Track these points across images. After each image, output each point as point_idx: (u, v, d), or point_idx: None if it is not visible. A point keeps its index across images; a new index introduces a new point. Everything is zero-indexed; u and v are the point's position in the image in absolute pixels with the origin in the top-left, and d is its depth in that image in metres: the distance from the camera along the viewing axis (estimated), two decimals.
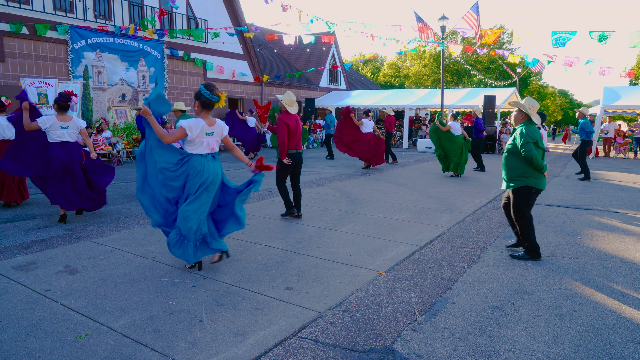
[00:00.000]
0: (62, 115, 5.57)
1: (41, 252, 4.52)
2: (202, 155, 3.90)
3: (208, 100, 3.86)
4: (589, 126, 10.00)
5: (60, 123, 5.53)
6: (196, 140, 3.85)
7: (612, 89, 16.95)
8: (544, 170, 4.33)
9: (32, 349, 2.66)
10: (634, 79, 31.56)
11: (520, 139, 4.30)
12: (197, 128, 3.79)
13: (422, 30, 16.02)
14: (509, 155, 4.47)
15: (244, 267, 4.14)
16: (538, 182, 4.35)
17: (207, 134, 3.88)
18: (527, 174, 4.34)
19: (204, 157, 3.90)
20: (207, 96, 3.84)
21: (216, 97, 3.84)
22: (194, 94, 3.92)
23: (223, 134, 4.05)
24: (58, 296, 3.42)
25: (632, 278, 3.96)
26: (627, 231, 5.63)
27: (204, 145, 3.89)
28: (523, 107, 4.41)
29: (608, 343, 2.81)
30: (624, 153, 17.04)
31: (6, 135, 6.40)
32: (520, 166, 4.35)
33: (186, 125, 3.77)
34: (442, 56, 17.73)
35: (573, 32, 12.52)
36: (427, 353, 2.68)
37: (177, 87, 16.42)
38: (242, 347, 2.71)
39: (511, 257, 4.50)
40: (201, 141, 3.86)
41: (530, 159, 4.25)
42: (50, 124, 5.48)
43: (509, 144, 4.49)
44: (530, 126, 4.37)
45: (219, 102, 3.87)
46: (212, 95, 3.84)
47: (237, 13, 18.26)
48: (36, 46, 12.27)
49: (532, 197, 4.42)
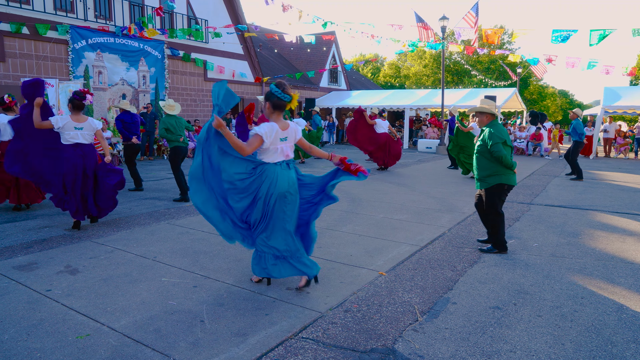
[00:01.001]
0: (76, 116, 5.26)
1: (42, 252, 4.52)
2: (275, 163, 3.46)
3: (280, 101, 3.40)
4: (580, 127, 10.14)
5: (74, 123, 5.20)
6: (270, 148, 3.40)
7: (613, 89, 16.93)
8: (514, 168, 4.47)
9: (34, 349, 2.66)
10: (634, 78, 31.53)
11: (489, 140, 4.42)
12: (272, 133, 3.35)
13: (423, 30, 16.02)
14: (479, 156, 4.58)
15: (244, 267, 4.14)
16: (509, 178, 4.50)
17: (281, 139, 3.42)
18: (499, 172, 4.46)
19: (277, 165, 3.46)
20: (278, 95, 3.39)
21: (288, 96, 3.41)
22: (265, 94, 3.49)
23: (297, 137, 3.60)
24: (59, 296, 3.42)
25: (633, 278, 3.96)
26: (627, 231, 5.62)
27: (278, 152, 3.44)
28: (486, 109, 4.55)
29: (609, 343, 2.81)
30: (625, 153, 17.03)
31: (10, 136, 6.05)
32: (491, 165, 4.48)
33: (262, 131, 3.31)
34: (443, 56, 17.73)
35: (574, 30, 12.51)
36: (429, 353, 2.68)
37: (177, 87, 16.43)
38: (243, 347, 2.71)
39: (480, 251, 4.69)
40: (275, 148, 3.42)
41: (500, 159, 4.38)
42: (64, 123, 5.15)
43: (478, 145, 4.61)
44: (497, 126, 4.52)
45: (291, 103, 3.46)
46: (283, 94, 3.40)
47: (238, 13, 18.27)
48: (37, 46, 12.27)
49: (504, 193, 4.59)
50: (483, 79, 33.44)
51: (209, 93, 17.83)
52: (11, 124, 5.60)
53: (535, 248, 4.86)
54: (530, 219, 6.25)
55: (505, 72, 34.78)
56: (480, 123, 4.64)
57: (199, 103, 17.41)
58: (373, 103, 21.25)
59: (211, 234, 5.26)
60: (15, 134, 5.52)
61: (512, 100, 20.83)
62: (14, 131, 5.54)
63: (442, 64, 17.60)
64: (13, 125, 5.54)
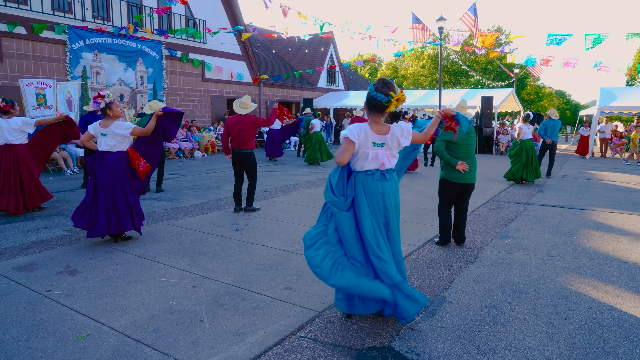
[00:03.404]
0: (105, 121, 4.89)
1: (41, 252, 4.55)
2: (366, 172, 3.02)
3: (375, 101, 2.96)
4: (550, 128, 10.58)
5: (100, 129, 4.85)
6: (360, 152, 2.97)
7: (609, 89, 17.04)
8: (453, 165, 4.71)
9: (35, 349, 2.69)
10: (630, 79, 31.69)
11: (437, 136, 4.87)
12: (361, 134, 2.95)
13: (420, 31, 16.07)
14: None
15: (243, 267, 4.18)
16: (455, 175, 4.80)
17: (374, 143, 2.97)
18: (444, 167, 4.88)
19: (369, 175, 3.01)
20: (372, 94, 2.96)
21: (383, 95, 2.91)
22: (366, 96, 3.09)
23: (400, 144, 3.08)
24: (59, 297, 3.45)
25: (627, 277, 4.01)
26: (622, 231, 5.68)
27: (369, 159, 2.98)
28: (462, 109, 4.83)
29: (602, 341, 2.86)
30: (621, 153, 17.13)
31: (7, 140, 6.06)
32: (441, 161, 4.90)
33: (350, 133, 2.93)
34: (440, 57, 17.80)
35: (569, 34, 12.60)
36: (425, 351, 2.72)
37: (175, 88, 16.44)
38: (242, 347, 2.75)
39: (435, 244, 5.03)
40: (366, 153, 2.97)
41: (439, 153, 4.78)
42: (94, 130, 4.87)
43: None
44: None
45: (390, 104, 2.93)
46: (377, 93, 2.93)
47: (236, 14, 18.29)
48: (34, 46, 12.27)
49: (447, 189, 4.91)
50: (480, 80, 33.55)
51: (207, 94, 17.86)
52: None
53: (531, 247, 4.91)
54: (526, 218, 6.30)
55: (503, 72, 34.88)
56: None
57: (197, 104, 17.43)
58: None
59: (210, 234, 5.30)
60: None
61: (509, 100, 20.91)
62: None
63: (439, 65, 17.67)
64: None
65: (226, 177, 10.20)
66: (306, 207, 6.90)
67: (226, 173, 10.87)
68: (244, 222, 5.95)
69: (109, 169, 4.83)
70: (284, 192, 8.26)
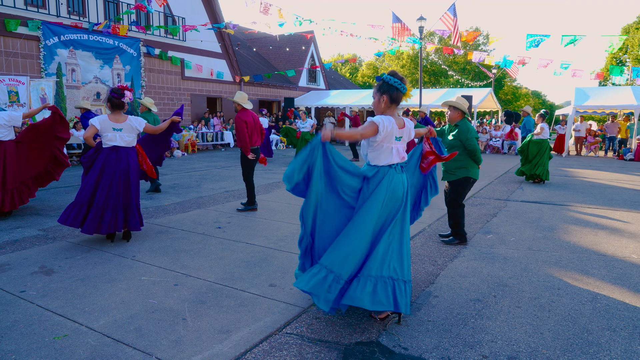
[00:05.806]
0: (115, 115, 4.65)
1: (15, 252, 4.37)
2: (390, 166, 2.98)
3: (399, 93, 2.94)
4: (530, 124, 10.64)
5: (112, 124, 4.60)
6: (384, 146, 2.93)
7: (583, 89, 17.52)
8: (480, 163, 4.73)
9: (8, 351, 2.57)
10: (603, 80, 32.58)
11: (465, 134, 4.63)
12: (389, 126, 2.89)
13: (400, 31, 16.17)
14: (450, 149, 4.74)
15: (226, 264, 4.10)
16: (476, 172, 4.76)
17: (396, 138, 2.96)
18: (467, 165, 4.68)
19: (392, 168, 2.97)
20: (397, 86, 2.92)
21: (405, 86, 2.96)
22: (378, 87, 3.00)
23: (411, 137, 3.13)
24: (34, 297, 3.31)
25: (606, 269, 4.09)
26: (599, 225, 5.81)
27: (394, 153, 2.96)
28: (461, 105, 4.70)
29: (585, 331, 2.90)
30: (595, 151, 17.60)
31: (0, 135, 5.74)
32: (461, 159, 4.67)
33: (381, 123, 2.86)
34: (420, 57, 17.95)
35: (547, 35, 12.88)
36: (412, 345, 2.70)
37: (154, 86, 16.14)
38: (226, 344, 2.68)
39: (443, 243, 4.91)
40: (390, 147, 2.94)
41: (474, 153, 4.62)
42: (102, 124, 4.58)
43: (450, 139, 4.79)
44: (469, 123, 4.77)
45: (406, 95, 3.00)
46: (403, 85, 2.93)
47: (215, 11, 18.07)
48: (6, 42, 11.87)
49: (469, 186, 4.80)
50: (459, 79, 34.03)
51: (187, 92, 17.59)
52: None
53: (513, 242, 4.97)
54: (507, 214, 6.39)
55: (481, 72, 35.44)
56: (451, 118, 4.80)
57: (177, 102, 17.15)
58: (352, 102, 21.35)
59: (191, 232, 5.19)
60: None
61: (488, 100, 21.27)
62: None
63: (419, 64, 17.81)
64: None
65: (207, 176, 10.05)
66: (289, 205, 6.84)
67: (207, 172, 10.72)
68: (226, 220, 5.85)
69: (127, 165, 4.67)
70: (266, 190, 8.18)
